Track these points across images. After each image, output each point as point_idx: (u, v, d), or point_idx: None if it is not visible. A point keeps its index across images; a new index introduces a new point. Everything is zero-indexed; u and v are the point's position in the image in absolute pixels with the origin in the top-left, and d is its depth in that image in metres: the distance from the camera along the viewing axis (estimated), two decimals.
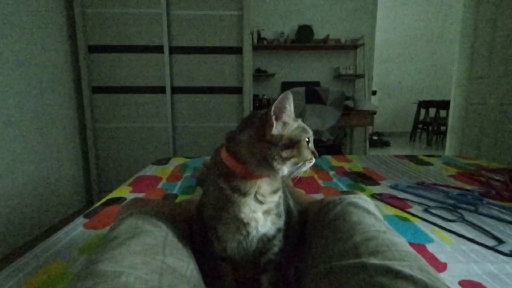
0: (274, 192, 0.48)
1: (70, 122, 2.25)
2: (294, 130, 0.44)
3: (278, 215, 0.49)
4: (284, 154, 0.43)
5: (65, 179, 2.17)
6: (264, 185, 0.47)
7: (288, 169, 0.45)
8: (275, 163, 0.43)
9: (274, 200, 0.48)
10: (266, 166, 0.43)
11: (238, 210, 0.46)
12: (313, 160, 0.45)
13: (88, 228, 0.77)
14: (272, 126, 0.43)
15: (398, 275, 0.35)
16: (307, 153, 0.45)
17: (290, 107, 0.44)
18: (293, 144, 0.43)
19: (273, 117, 0.43)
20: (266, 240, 0.49)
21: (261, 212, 0.47)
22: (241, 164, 0.45)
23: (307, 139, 0.45)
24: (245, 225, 0.46)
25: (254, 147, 0.44)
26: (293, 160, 0.43)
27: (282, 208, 0.51)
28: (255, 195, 0.46)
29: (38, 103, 1.92)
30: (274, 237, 0.49)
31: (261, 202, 0.47)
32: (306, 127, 0.46)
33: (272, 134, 0.43)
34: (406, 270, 0.36)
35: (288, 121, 0.44)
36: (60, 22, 2.16)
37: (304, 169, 0.45)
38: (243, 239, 0.48)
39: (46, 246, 0.67)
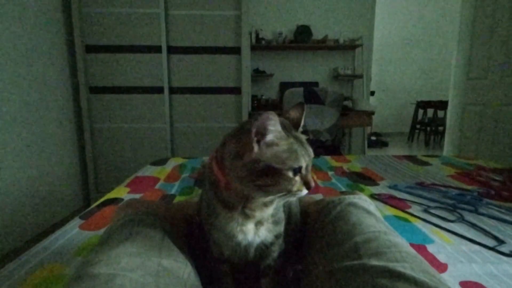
0: (266, 205, 0.43)
1: (67, 123, 2.23)
2: (279, 156, 0.37)
3: (274, 222, 0.46)
4: (259, 182, 0.36)
5: (62, 179, 2.15)
6: (253, 199, 0.42)
7: (266, 197, 0.39)
8: (248, 189, 0.38)
9: (265, 213, 0.44)
10: (243, 187, 0.39)
11: (225, 222, 0.43)
12: (303, 192, 0.38)
13: (85, 229, 0.76)
14: (251, 150, 0.36)
15: (399, 277, 0.34)
16: (290, 184, 0.37)
17: (275, 128, 0.37)
18: (272, 172, 0.36)
19: (254, 140, 0.36)
20: (263, 248, 0.47)
21: (252, 224, 0.44)
22: (225, 175, 0.40)
23: (296, 167, 0.37)
24: (233, 237, 0.44)
25: (233, 163, 0.38)
26: (270, 189, 0.37)
27: (280, 214, 0.48)
28: (242, 209, 0.42)
29: (35, 103, 1.90)
30: (272, 244, 0.47)
31: (249, 216, 0.43)
32: (300, 152, 0.38)
33: (251, 156, 0.37)
34: (408, 271, 0.35)
35: (275, 142, 0.37)
36: (57, 22, 2.15)
37: (291, 199, 0.39)
38: (236, 246, 0.45)
39: (41, 248, 0.66)
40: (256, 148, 0.36)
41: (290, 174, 0.37)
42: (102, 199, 0.98)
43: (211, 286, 0.50)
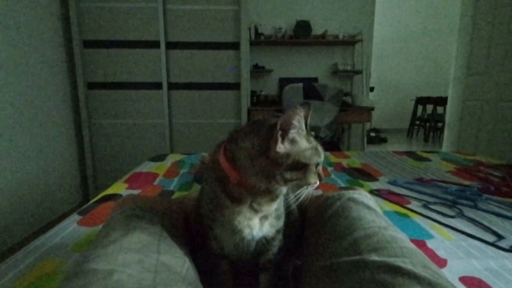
0: (273, 199, 0.44)
1: (65, 119, 2.22)
2: (304, 151, 0.39)
3: (277, 217, 0.47)
4: (288, 175, 0.38)
5: (61, 176, 2.14)
6: (265, 193, 0.43)
7: (286, 189, 0.41)
8: (274, 183, 0.39)
9: (271, 208, 0.45)
10: (264, 182, 0.39)
11: (232, 217, 0.43)
12: (317, 183, 0.41)
13: (83, 225, 0.76)
14: (276, 143, 0.38)
15: (400, 272, 0.34)
16: (312, 177, 0.40)
17: (300, 124, 0.38)
18: (300, 167, 0.38)
19: (279, 133, 0.37)
20: (265, 242, 0.47)
21: (258, 218, 0.45)
22: (237, 170, 0.41)
23: (319, 161, 0.40)
24: (239, 231, 0.44)
25: (255, 159, 0.39)
26: (295, 182, 0.39)
27: (281, 209, 0.48)
28: (250, 204, 0.43)
29: (33, 99, 1.89)
30: (273, 238, 0.48)
31: (256, 211, 0.44)
32: (319, 148, 0.41)
33: (277, 152, 0.38)
34: (409, 267, 0.35)
35: (297, 139, 0.39)
36: (55, 17, 2.12)
37: (305, 192, 0.41)
38: (239, 241, 0.46)
39: (39, 244, 0.66)
40: (282, 142, 0.38)
41: (315, 168, 0.40)
42: (100, 195, 0.98)
43: (210, 281, 0.50)
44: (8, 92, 1.70)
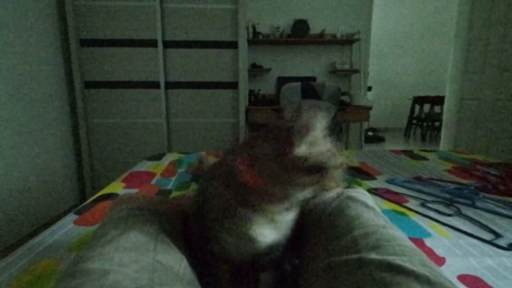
0: (289, 208, 0.42)
1: (62, 118, 2.21)
2: (322, 155, 0.37)
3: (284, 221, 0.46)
4: (306, 180, 0.37)
5: (57, 176, 2.13)
6: (283, 199, 0.41)
7: (304, 195, 0.40)
8: (289, 187, 0.38)
9: (287, 219, 0.43)
10: (281, 188, 0.38)
11: (245, 225, 0.41)
12: (336, 187, 0.40)
13: (79, 224, 0.75)
14: (294, 146, 0.36)
15: (399, 270, 0.34)
16: (331, 181, 0.38)
17: (318, 126, 0.38)
18: (317, 170, 0.37)
19: (297, 136, 0.37)
20: (271, 244, 0.46)
21: (271, 225, 0.43)
22: (253, 177, 0.39)
23: (335, 166, 0.39)
24: (252, 240, 0.42)
25: (272, 164, 0.38)
26: (314, 187, 0.38)
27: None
28: (264, 212, 0.41)
29: (29, 98, 1.87)
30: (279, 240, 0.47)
31: (272, 220, 0.42)
32: (336, 151, 0.39)
33: (295, 155, 0.36)
34: (408, 265, 0.34)
35: (316, 142, 0.38)
36: (51, 15, 2.11)
37: (322, 198, 0.39)
38: (251, 249, 0.44)
39: (35, 244, 0.65)
40: (300, 146, 0.36)
41: (332, 172, 0.38)
42: (97, 194, 0.97)
43: (208, 281, 0.49)
44: (4, 91, 1.69)
